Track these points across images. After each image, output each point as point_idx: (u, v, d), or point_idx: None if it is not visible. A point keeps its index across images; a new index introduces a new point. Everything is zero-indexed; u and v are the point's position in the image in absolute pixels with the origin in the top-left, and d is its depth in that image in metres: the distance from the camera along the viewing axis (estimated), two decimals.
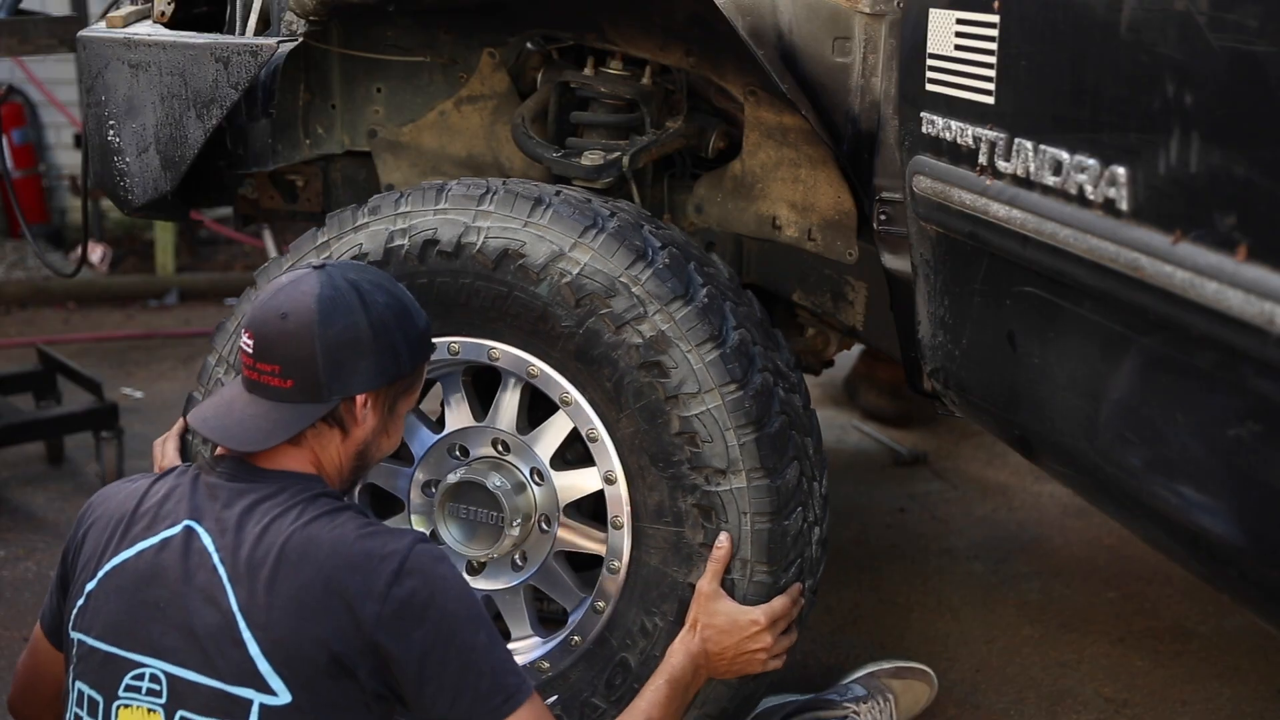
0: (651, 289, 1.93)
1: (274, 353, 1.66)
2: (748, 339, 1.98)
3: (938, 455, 3.62)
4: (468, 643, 1.58)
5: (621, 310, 1.93)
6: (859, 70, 2.00)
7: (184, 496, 1.66)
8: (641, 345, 1.92)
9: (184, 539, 1.62)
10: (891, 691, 2.31)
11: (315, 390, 1.66)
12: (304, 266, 1.74)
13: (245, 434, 1.67)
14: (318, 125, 2.45)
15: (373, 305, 1.68)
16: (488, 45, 2.34)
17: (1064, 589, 2.90)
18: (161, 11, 2.39)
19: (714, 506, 1.94)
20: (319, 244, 2.10)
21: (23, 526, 3.18)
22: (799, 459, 2.01)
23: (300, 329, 1.65)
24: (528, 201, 1.99)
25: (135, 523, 1.65)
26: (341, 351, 1.66)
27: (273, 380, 1.66)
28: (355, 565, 1.56)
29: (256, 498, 1.63)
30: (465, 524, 2.10)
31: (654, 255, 1.96)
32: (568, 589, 2.13)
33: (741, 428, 1.92)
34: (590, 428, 2.00)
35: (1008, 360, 1.71)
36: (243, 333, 1.69)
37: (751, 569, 1.96)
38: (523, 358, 2.02)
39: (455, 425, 2.14)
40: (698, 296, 1.95)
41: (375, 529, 1.61)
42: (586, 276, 1.94)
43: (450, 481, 2.09)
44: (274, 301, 1.68)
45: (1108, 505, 1.73)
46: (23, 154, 5.58)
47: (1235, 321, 1.27)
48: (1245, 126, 1.26)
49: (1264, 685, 2.53)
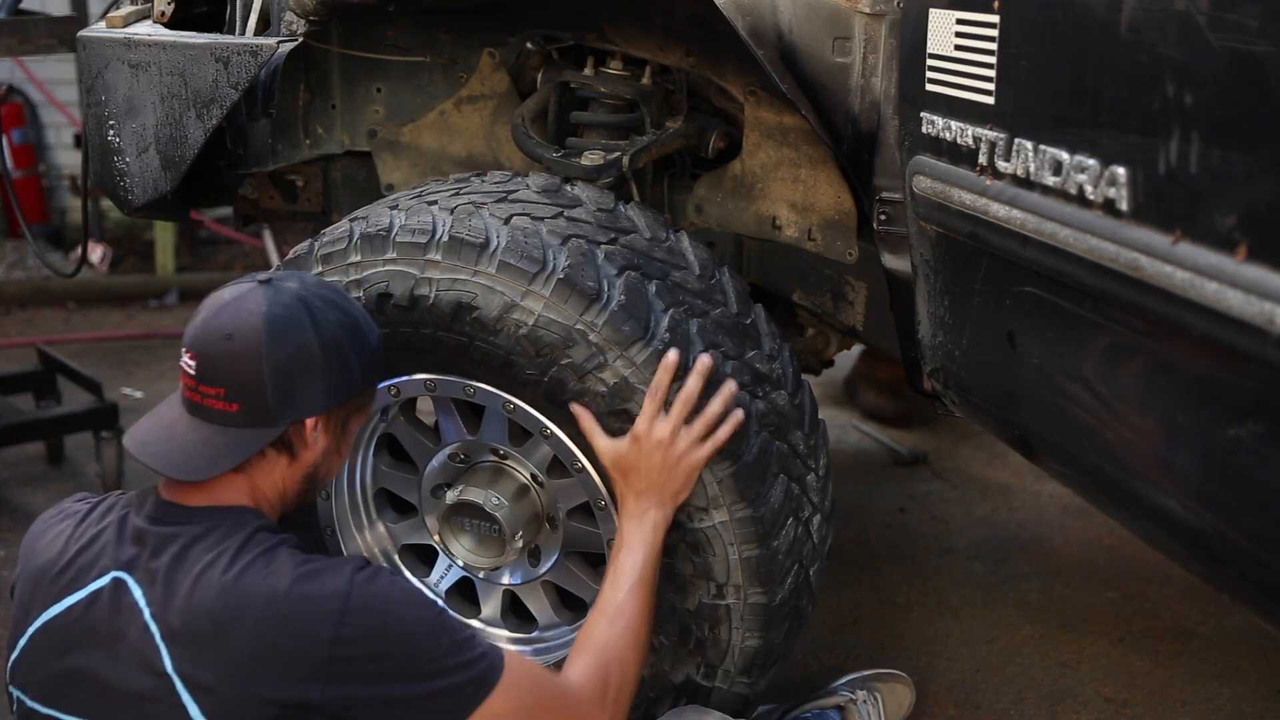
0: (608, 335, 1.86)
1: (218, 375, 1.57)
2: (718, 360, 1.91)
3: (938, 455, 3.62)
4: (429, 651, 1.54)
5: (581, 360, 1.87)
6: (859, 70, 2.00)
7: (111, 541, 1.58)
8: (606, 394, 1.87)
9: (113, 592, 1.54)
10: (879, 692, 2.32)
11: (263, 415, 1.58)
12: (248, 279, 1.64)
13: (189, 462, 1.57)
14: (318, 125, 2.45)
15: (323, 323, 1.60)
16: (488, 45, 2.34)
17: (1064, 589, 2.90)
18: (161, 11, 2.39)
19: (699, 542, 1.92)
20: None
21: (23, 527, 3.16)
22: (785, 469, 1.98)
23: (247, 351, 1.56)
24: (473, 249, 1.89)
25: (63, 573, 1.58)
26: (291, 374, 1.57)
27: (217, 404, 1.57)
28: (295, 613, 1.49)
29: (186, 541, 1.55)
30: (471, 534, 2.11)
31: (609, 293, 1.87)
32: (584, 584, 2.14)
33: (718, 464, 1.88)
34: (574, 461, 1.97)
35: (1008, 360, 1.71)
36: (184, 352, 1.59)
37: (745, 593, 1.95)
38: (498, 395, 1.97)
39: (450, 439, 2.14)
40: (658, 334, 1.87)
41: (311, 568, 1.53)
42: (542, 328, 1.86)
43: (448, 502, 2.09)
44: (217, 320, 1.58)
45: (1108, 505, 1.72)
46: (23, 154, 5.57)
47: (1235, 321, 1.27)
48: (1245, 126, 1.26)
49: (1264, 685, 2.53)
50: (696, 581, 1.95)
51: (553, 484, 2.08)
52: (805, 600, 2.08)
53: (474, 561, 2.14)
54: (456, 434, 2.13)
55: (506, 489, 2.09)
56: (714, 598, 1.96)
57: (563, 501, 2.08)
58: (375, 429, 2.17)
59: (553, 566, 2.14)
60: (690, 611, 1.97)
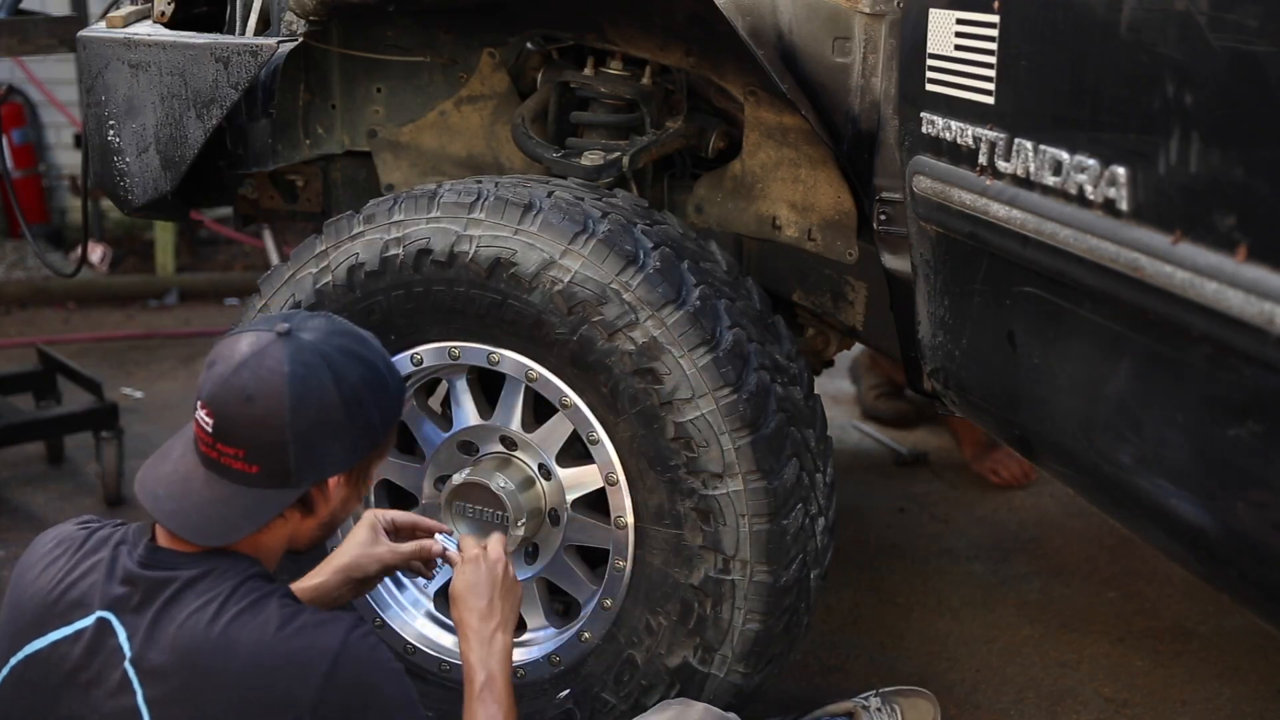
0: (642, 295, 1.92)
1: (238, 437, 1.51)
2: (742, 337, 1.98)
3: (938, 455, 3.62)
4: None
5: (613, 317, 1.92)
6: (859, 70, 2.00)
7: (101, 580, 1.53)
8: (634, 352, 1.92)
9: (97, 633, 1.51)
10: (898, 704, 2.31)
11: (284, 476, 1.52)
12: (265, 327, 1.55)
13: (207, 525, 1.52)
14: (318, 125, 2.45)
15: (344, 381, 1.53)
16: (488, 45, 2.34)
17: (1064, 589, 2.90)
18: (161, 11, 2.39)
19: (711, 510, 1.94)
20: (318, 253, 2.09)
21: (23, 526, 3.18)
22: (798, 455, 2.02)
23: (269, 415, 1.50)
24: (517, 208, 1.98)
25: (53, 606, 1.54)
26: (313, 436, 1.52)
27: (235, 464, 1.52)
28: (279, 669, 1.46)
29: (177, 588, 1.50)
30: (473, 522, 2.10)
31: (645, 259, 1.95)
32: (579, 582, 2.14)
33: (736, 431, 1.92)
34: (590, 431, 2.00)
35: (1008, 360, 1.71)
36: (200, 407, 1.54)
37: (751, 569, 1.96)
38: (522, 362, 2.01)
39: (462, 424, 2.14)
40: (690, 300, 1.94)
41: (301, 624, 1.49)
42: (577, 284, 1.93)
43: (455, 483, 2.09)
44: (237, 380, 1.51)
45: (1108, 505, 1.72)
46: (23, 154, 5.57)
47: (1235, 321, 1.27)
48: (1245, 126, 1.26)
49: (1264, 685, 2.53)
50: (704, 554, 1.96)
51: (563, 472, 2.08)
52: (804, 602, 2.08)
53: None
54: (468, 418, 2.13)
55: (514, 477, 2.09)
56: (720, 572, 1.97)
57: (571, 490, 2.09)
58: None
59: (549, 564, 2.14)
60: (694, 587, 1.98)
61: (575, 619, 2.15)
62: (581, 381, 1.97)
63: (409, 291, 2.02)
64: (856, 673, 2.56)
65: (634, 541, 2.01)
